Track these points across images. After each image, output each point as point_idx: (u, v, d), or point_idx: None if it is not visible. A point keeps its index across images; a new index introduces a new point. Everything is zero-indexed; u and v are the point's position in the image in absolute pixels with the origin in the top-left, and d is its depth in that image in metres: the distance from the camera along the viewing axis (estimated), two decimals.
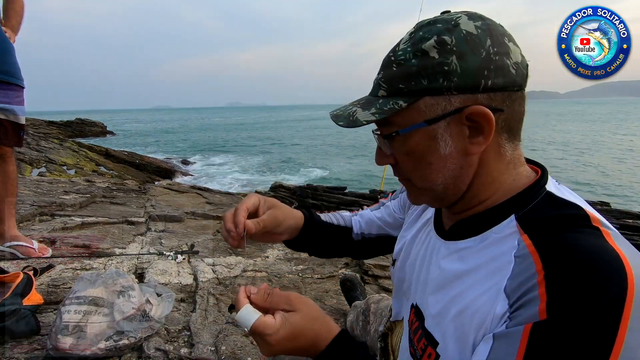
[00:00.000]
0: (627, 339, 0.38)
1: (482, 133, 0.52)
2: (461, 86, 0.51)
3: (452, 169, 0.55)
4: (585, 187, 15.13)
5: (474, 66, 0.51)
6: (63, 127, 28.75)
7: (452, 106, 0.52)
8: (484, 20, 0.53)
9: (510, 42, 0.53)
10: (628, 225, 6.43)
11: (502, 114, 0.52)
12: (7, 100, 1.71)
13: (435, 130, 0.53)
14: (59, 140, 16.41)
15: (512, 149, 0.56)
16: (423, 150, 0.55)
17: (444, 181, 0.56)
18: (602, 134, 37.51)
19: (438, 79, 0.51)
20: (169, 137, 45.59)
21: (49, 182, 4.47)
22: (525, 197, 0.54)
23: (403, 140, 0.56)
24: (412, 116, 0.54)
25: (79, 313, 1.09)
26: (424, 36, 0.53)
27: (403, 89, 0.54)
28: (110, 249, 2.21)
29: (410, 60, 0.53)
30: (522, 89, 0.54)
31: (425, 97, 0.53)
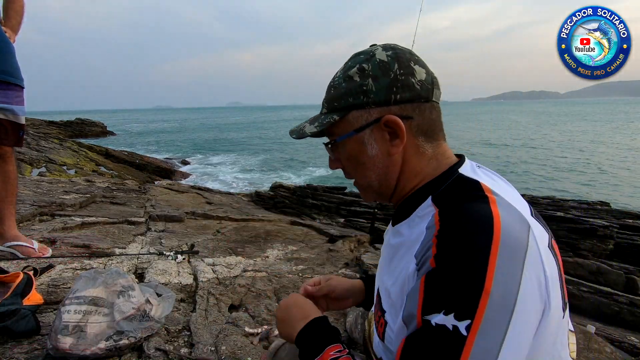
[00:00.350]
0: (495, 276, 0.48)
1: (398, 136, 0.66)
2: (377, 101, 0.66)
3: (381, 167, 0.69)
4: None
5: (385, 85, 0.65)
6: (63, 127, 28.76)
7: (372, 117, 0.67)
8: (394, 50, 0.67)
9: (416, 65, 0.67)
10: (628, 225, 6.43)
11: (413, 120, 0.66)
12: (6, 100, 1.71)
13: (363, 136, 0.68)
14: (59, 140, 16.40)
15: (432, 147, 0.69)
16: (356, 153, 0.70)
17: (377, 177, 0.70)
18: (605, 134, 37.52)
19: (360, 97, 0.66)
20: (169, 137, 45.57)
21: (49, 182, 4.47)
22: (439, 181, 0.66)
23: (342, 146, 0.71)
24: (344, 127, 0.69)
25: (78, 313, 1.09)
26: (351, 65, 0.69)
27: (337, 106, 0.69)
28: (110, 249, 2.21)
29: (341, 84, 0.69)
30: (429, 100, 0.68)
31: (352, 111, 0.68)
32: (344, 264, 2.42)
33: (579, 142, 31.05)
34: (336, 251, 2.70)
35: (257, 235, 2.98)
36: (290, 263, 2.33)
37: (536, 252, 0.52)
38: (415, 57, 0.69)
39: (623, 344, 2.83)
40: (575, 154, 24.90)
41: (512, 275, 0.49)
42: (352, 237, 3.20)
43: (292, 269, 2.21)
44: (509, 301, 0.48)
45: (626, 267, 5.31)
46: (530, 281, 0.50)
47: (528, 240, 0.52)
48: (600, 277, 5.23)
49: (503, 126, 53.42)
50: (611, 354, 1.72)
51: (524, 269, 0.50)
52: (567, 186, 16.41)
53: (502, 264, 0.49)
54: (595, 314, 4.29)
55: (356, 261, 2.50)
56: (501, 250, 0.49)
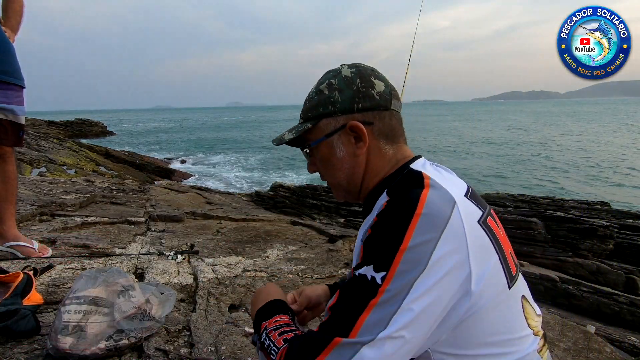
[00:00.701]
0: (412, 239, 0.58)
1: (361, 140, 0.77)
2: (342, 109, 0.78)
3: (348, 167, 0.80)
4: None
5: (349, 96, 0.77)
6: (63, 127, 28.76)
7: (339, 123, 0.78)
8: (357, 68, 0.80)
9: (376, 79, 0.79)
10: (628, 225, 6.42)
11: (374, 126, 0.77)
12: (6, 100, 1.71)
13: (332, 141, 0.79)
14: (59, 140, 16.40)
15: (393, 149, 0.80)
16: (327, 156, 0.81)
17: (345, 177, 0.81)
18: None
19: (328, 107, 0.78)
20: (169, 137, 45.57)
21: (49, 182, 4.47)
22: (394, 176, 0.76)
23: (315, 150, 0.83)
24: (317, 133, 0.81)
25: (78, 313, 1.09)
26: (322, 81, 0.82)
27: (310, 116, 0.81)
28: (110, 249, 2.21)
29: (314, 97, 0.81)
30: (388, 109, 0.78)
31: (323, 119, 0.79)
32: (344, 264, 2.42)
33: (579, 142, 31.03)
34: (336, 251, 2.70)
35: (257, 235, 2.98)
36: (290, 263, 2.33)
37: (458, 225, 0.60)
38: (377, 72, 0.81)
39: (623, 344, 2.83)
40: (576, 153, 24.89)
41: (428, 241, 0.58)
42: (352, 237, 3.20)
43: (292, 269, 2.21)
44: (422, 260, 0.57)
45: (626, 267, 5.32)
46: (446, 247, 0.58)
47: (450, 215, 0.60)
48: (600, 277, 5.23)
49: (504, 126, 53.37)
50: (611, 354, 1.72)
51: (441, 237, 0.58)
52: (568, 185, 16.40)
53: (419, 231, 0.58)
54: (595, 314, 4.29)
55: None
56: (421, 220, 0.59)
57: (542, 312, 0.79)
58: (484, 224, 0.65)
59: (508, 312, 0.65)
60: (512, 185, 16.68)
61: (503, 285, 0.64)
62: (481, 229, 0.64)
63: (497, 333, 0.63)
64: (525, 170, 19.84)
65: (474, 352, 0.63)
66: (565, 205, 7.68)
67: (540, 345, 0.71)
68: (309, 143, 0.82)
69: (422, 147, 30.02)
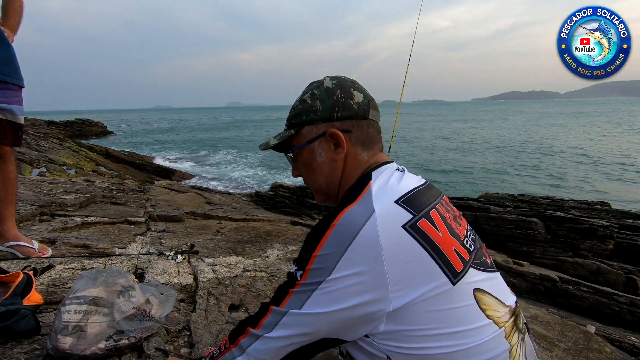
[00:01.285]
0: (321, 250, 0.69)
1: (340, 146, 0.83)
2: (323, 118, 0.84)
3: (327, 172, 0.86)
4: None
5: (329, 105, 0.84)
6: (63, 127, 28.76)
7: (320, 130, 0.84)
8: (339, 80, 0.86)
9: (355, 91, 0.85)
10: (628, 225, 6.42)
11: (352, 133, 0.84)
12: (5, 100, 1.71)
13: (314, 147, 0.86)
14: (59, 140, 16.40)
15: (368, 156, 0.86)
16: (309, 161, 0.88)
17: (325, 181, 0.87)
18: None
19: (310, 115, 0.85)
20: (170, 137, 45.57)
21: (49, 182, 4.47)
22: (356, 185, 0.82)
23: (299, 155, 0.89)
24: (299, 139, 0.87)
25: (78, 313, 1.09)
26: (305, 91, 0.88)
27: (294, 123, 0.87)
28: (110, 249, 2.21)
29: (297, 106, 0.88)
30: (366, 118, 0.85)
31: (305, 126, 0.86)
32: None
33: (580, 141, 31.02)
34: None
35: (257, 235, 2.98)
36: (290, 263, 2.33)
37: (371, 235, 0.66)
38: (357, 84, 0.87)
39: (623, 344, 2.83)
40: (577, 153, 24.89)
41: (334, 253, 0.67)
42: None
43: None
44: (326, 270, 0.68)
45: (626, 267, 5.32)
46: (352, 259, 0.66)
47: (361, 228, 0.67)
48: (600, 277, 5.23)
49: (505, 126, 53.34)
50: (611, 354, 1.72)
51: (347, 250, 0.67)
52: (568, 184, 16.40)
53: (328, 245, 0.68)
54: (595, 314, 4.30)
55: None
56: (331, 235, 0.69)
57: (542, 312, 0.79)
58: (412, 228, 0.69)
59: (452, 307, 0.68)
60: (511, 183, 16.69)
61: (441, 282, 0.68)
62: (406, 233, 0.68)
63: (441, 327, 0.67)
64: (525, 170, 19.83)
65: (420, 345, 0.67)
66: (565, 205, 7.68)
67: (508, 332, 0.73)
68: (293, 148, 0.89)
69: (421, 146, 30.02)
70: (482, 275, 0.75)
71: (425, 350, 0.67)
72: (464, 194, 13.02)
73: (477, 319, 0.69)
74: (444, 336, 0.67)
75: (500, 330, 0.71)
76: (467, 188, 15.75)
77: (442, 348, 0.67)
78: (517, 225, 6.06)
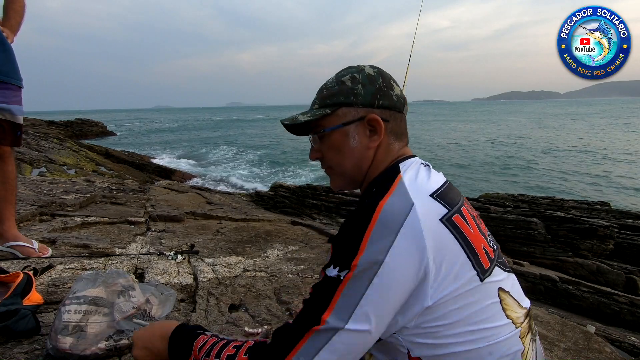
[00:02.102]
0: (367, 244, 0.65)
1: (377, 133, 0.82)
2: (364, 102, 0.82)
3: (357, 157, 0.83)
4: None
5: (371, 92, 0.82)
6: (63, 127, 28.75)
7: (359, 115, 0.82)
8: (379, 69, 0.86)
9: (394, 83, 0.86)
10: (628, 225, 6.42)
11: (389, 123, 0.83)
12: (4, 100, 1.71)
13: (348, 130, 0.83)
14: (59, 140, 16.40)
15: (398, 147, 0.85)
16: (339, 144, 0.84)
17: (352, 166, 0.84)
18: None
19: (350, 97, 0.82)
20: (170, 136, 45.56)
21: (49, 182, 4.47)
22: (383, 174, 0.81)
23: (327, 137, 0.85)
24: (333, 120, 0.83)
25: (78, 313, 1.09)
26: (343, 74, 0.85)
27: (328, 103, 0.83)
28: (110, 249, 2.21)
29: (334, 86, 0.84)
30: (401, 112, 0.86)
31: (342, 108, 0.82)
32: None
33: (582, 140, 31.03)
34: None
35: (257, 235, 2.98)
36: (290, 263, 2.33)
37: (414, 226, 0.65)
38: (393, 79, 0.88)
39: (623, 344, 2.83)
40: (577, 153, 24.89)
41: (382, 245, 0.64)
42: None
43: (292, 269, 2.21)
44: (377, 262, 0.64)
45: (626, 267, 5.32)
46: (400, 248, 0.64)
47: (405, 219, 0.66)
48: (600, 277, 5.23)
49: (505, 126, 53.34)
50: (611, 354, 1.72)
51: (395, 241, 0.64)
52: (569, 184, 16.40)
53: (374, 237, 0.65)
54: (595, 314, 4.29)
55: None
56: (377, 227, 0.65)
57: (542, 312, 0.79)
58: (448, 222, 0.69)
59: (478, 304, 0.68)
60: (512, 182, 16.70)
61: (471, 278, 0.68)
62: (444, 227, 0.68)
63: (465, 324, 0.67)
64: (526, 170, 19.84)
65: (443, 341, 0.67)
66: (565, 205, 7.68)
67: (523, 333, 0.74)
68: (323, 129, 0.84)
69: (421, 144, 30.04)
70: (504, 274, 0.75)
71: (447, 348, 0.67)
72: (464, 193, 13.01)
73: (498, 318, 0.70)
74: (467, 333, 0.67)
75: (516, 330, 0.72)
76: (467, 188, 15.75)
77: (463, 345, 0.67)
78: (517, 225, 6.05)
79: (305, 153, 26.99)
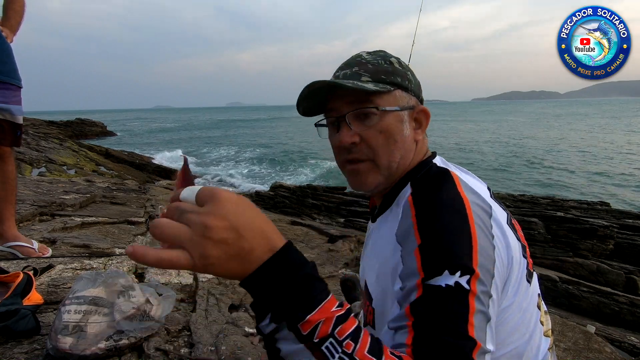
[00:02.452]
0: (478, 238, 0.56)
1: (421, 127, 0.76)
2: (414, 92, 0.75)
3: (406, 149, 0.73)
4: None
5: (418, 83, 0.77)
6: (63, 127, 28.74)
7: (411, 103, 0.74)
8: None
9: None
10: (628, 225, 6.42)
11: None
12: (4, 99, 1.71)
13: (403, 115, 0.72)
14: (59, 140, 16.40)
15: (425, 144, 0.79)
16: (394, 129, 0.71)
17: (400, 158, 0.72)
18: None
19: (405, 81, 0.73)
20: (171, 136, 45.56)
21: (49, 182, 4.47)
22: (418, 169, 0.74)
23: (380, 117, 0.70)
24: (389, 101, 0.71)
25: (78, 313, 1.09)
26: (385, 55, 0.75)
27: (384, 79, 0.71)
28: (110, 249, 2.21)
29: (382, 65, 0.73)
30: None
31: (399, 90, 0.72)
32: (344, 264, 2.42)
33: (582, 140, 31.04)
34: (336, 251, 2.70)
35: None
36: None
37: (500, 223, 0.62)
38: None
39: (623, 344, 2.83)
40: (578, 152, 24.90)
41: (488, 237, 0.58)
42: (352, 237, 3.19)
43: None
44: (490, 254, 0.57)
45: (626, 267, 5.32)
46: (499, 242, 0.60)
47: (491, 214, 0.62)
48: (600, 277, 5.23)
49: (506, 127, 53.35)
50: (611, 354, 1.72)
51: (493, 234, 0.59)
52: (571, 182, 16.41)
53: (479, 229, 0.57)
54: (595, 314, 4.29)
55: (356, 261, 2.50)
56: (475, 220, 0.58)
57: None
58: (511, 225, 0.66)
59: (526, 309, 0.64)
60: (513, 181, 16.71)
61: (524, 282, 0.64)
62: (510, 229, 0.64)
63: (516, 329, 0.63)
64: (526, 170, 19.84)
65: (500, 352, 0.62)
66: (565, 205, 7.68)
67: (550, 344, 0.71)
68: (378, 106, 0.69)
69: None
70: (536, 277, 0.72)
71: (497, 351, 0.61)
72: None
73: (536, 324, 0.66)
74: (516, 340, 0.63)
75: (547, 339, 0.69)
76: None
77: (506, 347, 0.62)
78: None
79: (305, 153, 26.98)
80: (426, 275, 0.53)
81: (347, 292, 1.75)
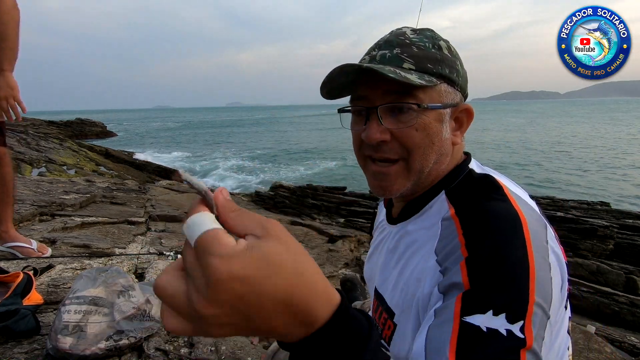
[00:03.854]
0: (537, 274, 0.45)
1: (461, 127, 0.64)
2: (461, 86, 0.63)
3: (442, 153, 0.62)
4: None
5: (465, 75, 0.64)
6: (63, 127, 28.74)
7: (456, 99, 0.62)
8: None
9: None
10: (628, 225, 6.43)
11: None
12: None
13: (444, 115, 0.61)
14: (59, 140, 16.40)
15: (463, 145, 0.67)
16: (433, 129, 0.60)
17: (434, 162, 0.61)
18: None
19: (453, 73, 0.61)
20: (171, 136, 45.58)
21: (49, 182, 4.47)
22: (452, 176, 0.63)
23: (419, 114, 0.59)
24: (433, 96, 0.60)
25: (79, 313, 1.09)
26: (434, 35, 0.62)
27: (431, 69, 0.59)
28: (110, 249, 2.21)
29: (430, 49, 0.60)
30: None
31: (444, 83, 0.60)
32: (344, 264, 2.42)
33: (583, 140, 31.06)
34: (336, 251, 2.70)
35: None
36: None
37: (554, 245, 0.51)
38: None
39: (623, 344, 2.83)
40: (579, 152, 24.91)
41: (546, 270, 0.47)
42: (352, 237, 3.19)
43: None
44: (548, 296, 0.46)
45: (626, 267, 5.32)
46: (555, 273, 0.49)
47: (547, 236, 0.51)
48: (600, 277, 5.23)
49: (505, 127, 53.39)
50: (611, 354, 1.72)
51: (550, 263, 0.48)
52: (572, 180, 16.41)
53: (538, 261, 0.46)
54: (595, 314, 4.29)
55: (356, 261, 2.50)
56: (534, 243, 0.47)
57: None
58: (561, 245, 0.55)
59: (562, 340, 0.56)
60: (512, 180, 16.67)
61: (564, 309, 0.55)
62: (561, 249, 0.54)
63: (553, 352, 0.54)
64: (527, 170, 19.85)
65: None
66: (565, 205, 7.68)
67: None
68: (420, 103, 0.58)
69: None
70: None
71: None
72: None
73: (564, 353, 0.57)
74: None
75: (569, 355, 0.60)
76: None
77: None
78: None
79: (305, 152, 27.01)
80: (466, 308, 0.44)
81: (347, 292, 1.75)
